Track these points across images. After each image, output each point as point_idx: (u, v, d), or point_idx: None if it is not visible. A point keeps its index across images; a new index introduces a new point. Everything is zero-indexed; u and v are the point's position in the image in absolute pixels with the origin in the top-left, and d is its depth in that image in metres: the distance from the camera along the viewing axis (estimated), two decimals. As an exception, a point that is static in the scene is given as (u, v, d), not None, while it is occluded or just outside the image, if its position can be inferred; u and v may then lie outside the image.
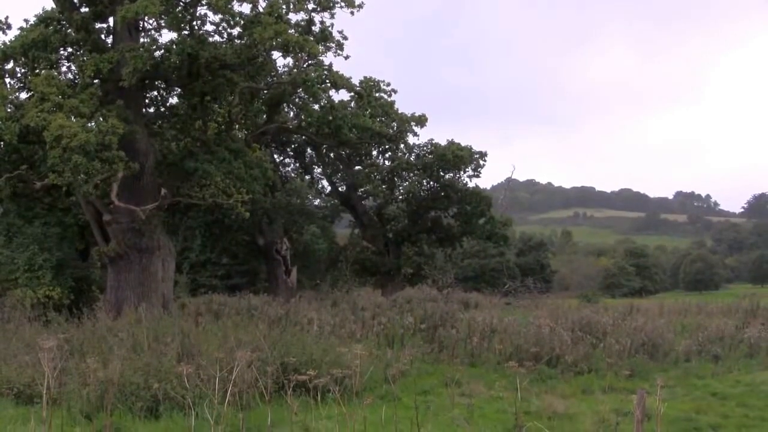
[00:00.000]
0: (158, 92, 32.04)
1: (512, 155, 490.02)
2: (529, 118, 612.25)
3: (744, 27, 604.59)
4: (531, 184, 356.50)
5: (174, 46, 26.81)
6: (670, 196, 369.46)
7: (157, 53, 27.17)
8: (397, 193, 54.32)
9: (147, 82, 28.82)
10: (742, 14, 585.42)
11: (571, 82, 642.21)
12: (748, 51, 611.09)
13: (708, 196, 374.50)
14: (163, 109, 32.47)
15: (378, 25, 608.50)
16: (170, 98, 32.63)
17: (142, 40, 28.87)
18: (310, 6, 29.53)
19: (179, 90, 30.69)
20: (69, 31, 28.30)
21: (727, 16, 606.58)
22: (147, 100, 31.60)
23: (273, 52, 29.05)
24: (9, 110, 26.75)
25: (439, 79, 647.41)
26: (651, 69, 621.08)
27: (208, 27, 28.53)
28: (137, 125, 27.49)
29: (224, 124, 32.40)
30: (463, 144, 51.03)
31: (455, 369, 17.76)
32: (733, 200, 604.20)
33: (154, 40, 28.75)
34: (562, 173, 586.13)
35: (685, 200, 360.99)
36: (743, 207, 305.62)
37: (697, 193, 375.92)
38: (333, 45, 30.84)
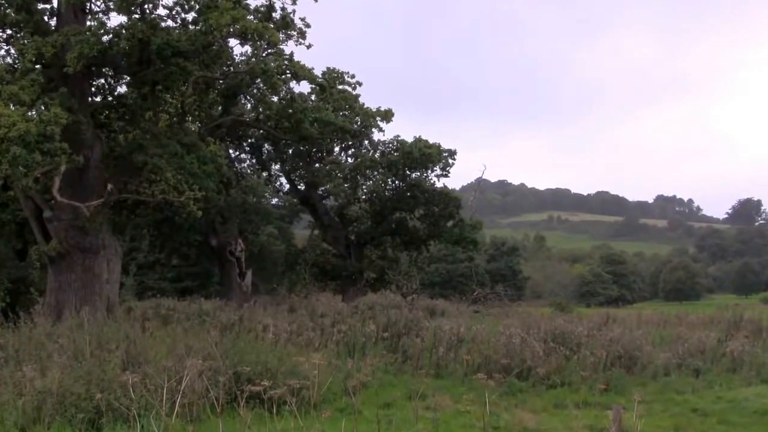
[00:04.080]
0: (106, 80, 31.74)
1: (483, 154, 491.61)
2: (503, 116, 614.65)
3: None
4: (503, 185, 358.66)
5: (123, 31, 26.61)
6: (650, 200, 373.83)
7: (105, 38, 26.91)
8: (360, 193, 54.31)
9: (93, 68, 28.55)
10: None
11: (548, 79, 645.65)
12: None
13: (690, 201, 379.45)
14: (110, 99, 32.15)
15: (346, 11, 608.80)
16: (119, 87, 32.33)
17: (88, 23, 28.61)
18: (271, -10, 29.47)
19: (128, 78, 30.41)
20: (8, 11, 27.96)
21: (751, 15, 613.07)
22: (93, 89, 31.28)
23: (230, 39, 28.93)
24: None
25: (408, 72, 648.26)
26: (630, 66, 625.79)
27: (161, 11, 28.34)
28: (82, 115, 27.25)
29: (176, 116, 32.26)
30: (431, 141, 51.21)
31: (420, 381, 17.78)
32: (716, 205, 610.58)
33: (102, 24, 28.44)
34: (536, 174, 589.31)
35: (666, 204, 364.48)
36: (727, 213, 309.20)
37: (678, 197, 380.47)
38: (294, 33, 30.78)
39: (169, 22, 28.49)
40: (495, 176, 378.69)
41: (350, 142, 50.81)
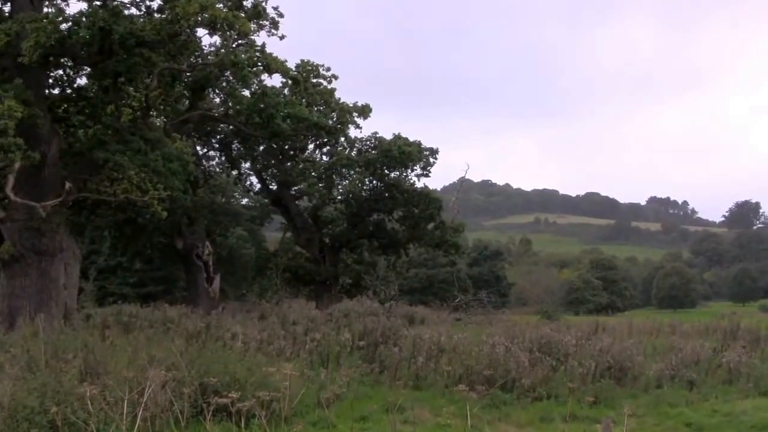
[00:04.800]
0: (64, 71, 31.58)
1: (467, 153, 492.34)
2: (487, 113, 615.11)
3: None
4: (487, 185, 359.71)
5: (83, 19, 26.45)
6: (643, 202, 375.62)
7: (64, 26, 26.76)
8: (336, 193, 54.28)
9: (51, 59, 28.35)
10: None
11: (536, 74, 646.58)
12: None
13: (685, 203, 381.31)
14: (69, 91, 32.01)
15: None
16: (78, 78, 32.18)
17: (46, 9, 28.45)
18: (242, -22, 29.38)
19: (89, 69, 30.26)
20: (-42, -3, 27.83)
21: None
22: (51, 80, 31.13)
23: (198, 28, 28.81)
24: None
25: (387, 65, 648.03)
26: (624, 61, 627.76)
27: (124, -3, 28.23)
28: (39, 108, 27.07)
29: (140, 110, 32.08)
30: (411, 139, 51.21)
31: (398, 392, 17.74)
32: (713, 208, 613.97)
33: (61, 11, 28.31)
34: (522, 174, 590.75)
35: (660, 207, 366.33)
36: (724, 215, 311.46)
37: (672, 199, 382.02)
38: (267, 23, 30.71)
39: (133, 10, 28.41)
40: (478, 176, 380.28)
41: (325, 139, 50.66)
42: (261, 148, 50.68)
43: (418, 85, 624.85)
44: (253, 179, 54.62)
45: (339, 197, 54.45)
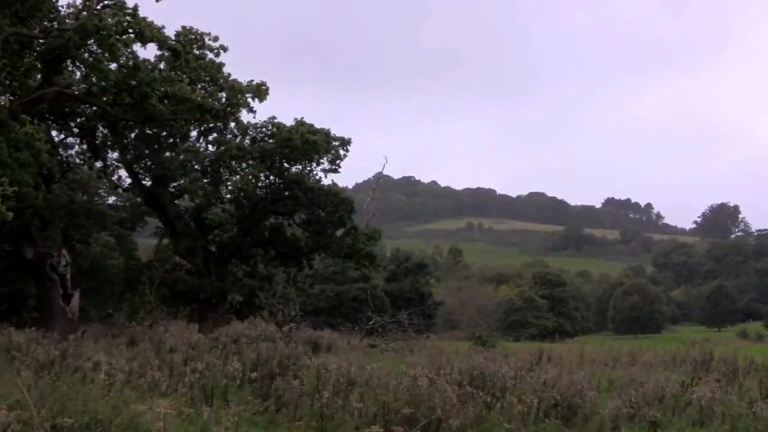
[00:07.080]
0: None
1: (384, 143, 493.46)
2: (410, 95, 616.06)
3: None
4: (409, 183, 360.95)
5: None
6: (598, 205, 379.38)
7: None
8: (224, 191, 54.05)
9: None
10: None
11: (471, 50, 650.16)
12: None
13: (649, 206, 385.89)
14: None
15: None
16: None
17: None
18: None
19: None
20: None
21: None
22: None
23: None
24: None
25: (293, 32, 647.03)
26: (580, 36, 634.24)
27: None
28: None
29: (-21, 86, 31.73)
30: (317, 125, 51.15)
31: (298, 435, 17.76)
32: (682, 212, 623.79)
33: None
34: (452, 170, 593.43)
35: (618, 210, 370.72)
36: (696, 222, 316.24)
37: (634, 201, 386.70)
38: (139, -21, 30.56)
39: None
40: (399, 172, 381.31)
41: (211, 125, 50.50)
42: (132, 134, 50.30)
43: (326, 60, 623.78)
44: (123, 173, 54.21)
45: (228, 196, 54.28)
